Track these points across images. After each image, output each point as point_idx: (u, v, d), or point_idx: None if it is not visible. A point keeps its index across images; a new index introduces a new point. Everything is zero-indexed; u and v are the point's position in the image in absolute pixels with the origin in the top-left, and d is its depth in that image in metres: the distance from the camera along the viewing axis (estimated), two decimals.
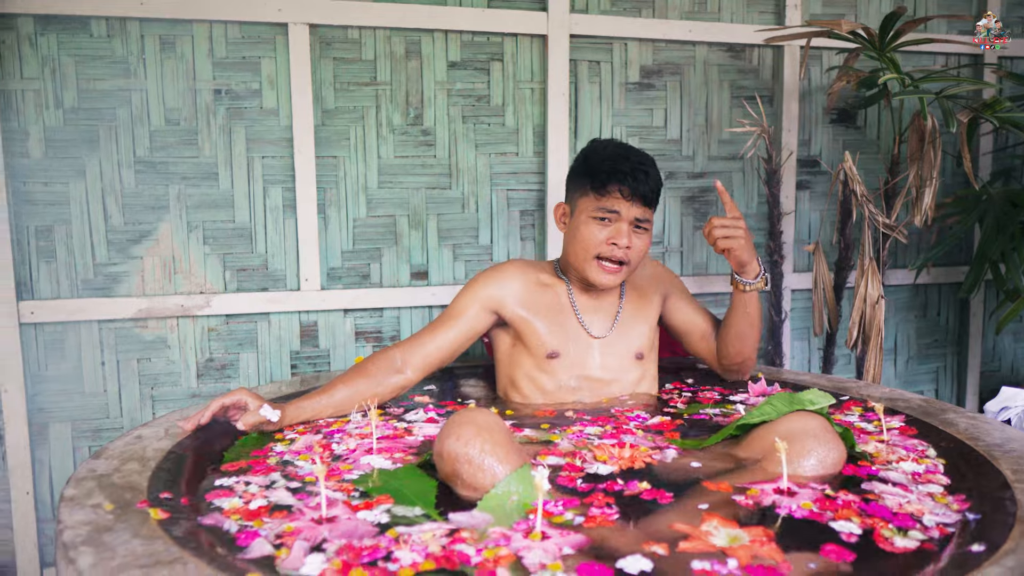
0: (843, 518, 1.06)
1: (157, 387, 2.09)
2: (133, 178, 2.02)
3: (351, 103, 2.15)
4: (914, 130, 2.15)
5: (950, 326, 2.75)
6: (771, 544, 0.97)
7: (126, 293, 2.04)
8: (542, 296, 1.66)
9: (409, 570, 0.91)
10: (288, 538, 1.00)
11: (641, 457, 1.30)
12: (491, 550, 0.96)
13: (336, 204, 2.16)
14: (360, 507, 1.09)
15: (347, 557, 0.94)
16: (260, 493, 1.16)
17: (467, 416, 1.16)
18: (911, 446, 1.38)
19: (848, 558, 0.95)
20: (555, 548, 0.97)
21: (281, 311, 2.14)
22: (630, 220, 1.57)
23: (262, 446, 1.39)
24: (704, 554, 0.95)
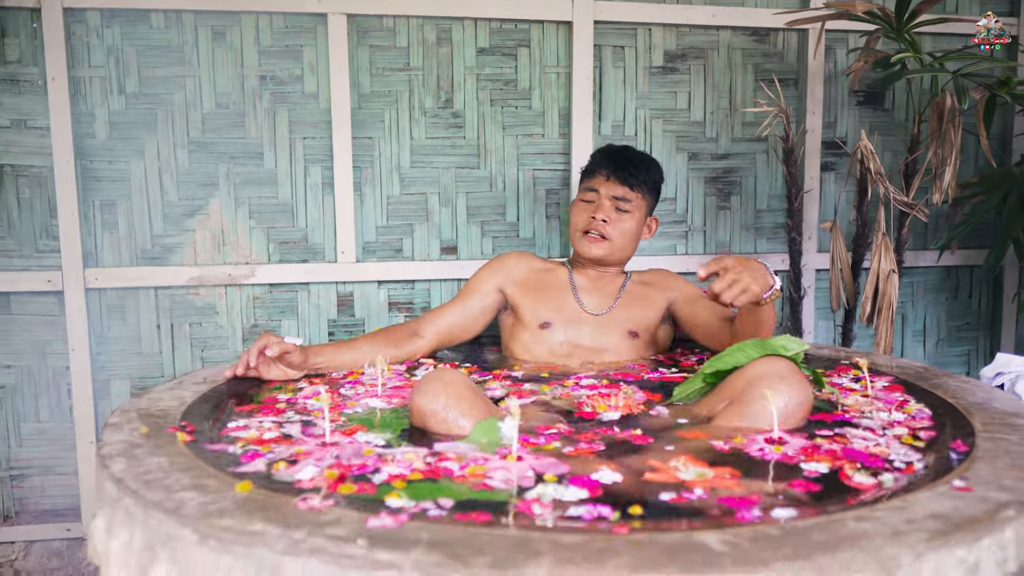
0: (814, 460, 1.11)
1: (207, 350, 2.27)
2: (187, 157, 2.21)
3: (386, 87, 2.29)
4: (933, 109, 2.18)
5: (982, 309, 2.74)
6: (734, 480, 1.05)
7: (179, 262, 2.23)
8: (541, 277, 1.89)
9: (400, 481, 1.03)
10: (298, 459, 1.14)
11: (636, 406, 1.39)
12: (472, 467, 1.08)
13: (371, 182, 2.31)
14: (354, 429, 1.23)
15: (338, 472, 1.07)
16: (273, 428, 1.29)
17: (434, 375, 1.29)
18: (892, 399, 1.44)
19: (813, 488, 1.02)
20: (527, 468, 1.08)
21: (319, 281, 2.30)
22: (608, 198, 1.82)
23: (281, 392, 1.54)
24: (668, 484, 1.04)
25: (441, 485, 1.03)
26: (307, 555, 0.83)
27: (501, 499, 0.99)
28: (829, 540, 0.84)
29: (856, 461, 1.11)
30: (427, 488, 1.01)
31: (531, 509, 0.94)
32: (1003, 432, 1.24)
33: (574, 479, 1.04)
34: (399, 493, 0.98)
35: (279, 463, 1.10)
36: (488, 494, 1.00)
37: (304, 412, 1.38)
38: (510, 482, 1.04)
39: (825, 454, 1.14)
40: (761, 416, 1.23)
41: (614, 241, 1.81)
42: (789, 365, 1.29)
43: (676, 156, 2.47)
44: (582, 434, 1.25)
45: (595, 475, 1.05)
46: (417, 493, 0.99)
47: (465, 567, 0.79)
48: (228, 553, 0.88)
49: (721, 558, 0.80)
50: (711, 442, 1.20)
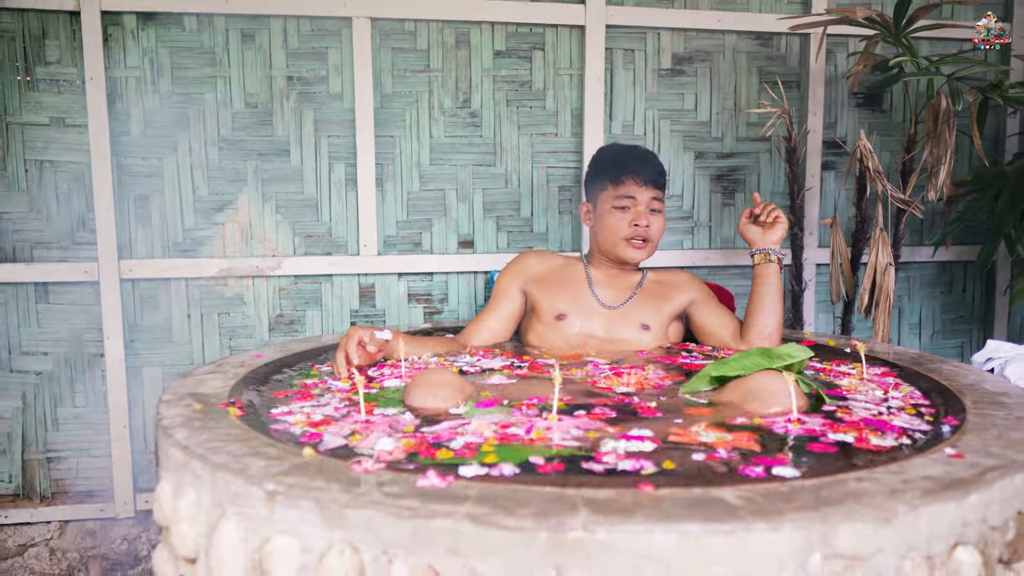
0: (840, 432, 1.19)
1: (235, 338, 2.37)
2: (217, 154, 2.31)
3: (407, 88, 2.40)
4: (929, 110, 2.29)
5: (975, 303, 2.85)
6: (751, 441, 1.16)
7: (209, 255, 2.33)
8: (558, 273, 1.96)
9: (487, 445, 1.12)
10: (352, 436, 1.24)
11: (648, 384, 1.50)
12: (537, 431, 1.18)
13: (392, 178, 2.42)
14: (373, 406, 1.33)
15: (413, 443, 1.14)
16: (312, 411, 1.38)
17: (424, 376, 1.39)
18: (886, 382, 1.54)
19: (830, 450, 1.12)
20: (571, 426, 1.21)
21: (342, 273, 2.40)
22: (646, 202, 1.87)
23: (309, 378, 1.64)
24: (691, 444, 1.14)
25: (515, 448, 1.12)
26: (369, 506, 0.94)
27: (578, 454, 1.10)
28: (834, 496, 0.95)
29: (876, 429, 1.21)
30: (509, 451, 1.11)
31: (602, 459, 1.06)
32: (991, 409, 1.35)
33: (625, 435, 1.15)
34: (491, 456, 1.07)
35: (356, 435, 1.19)
36: (560, 452, 1.11)
37: (341, 391, 1.48)
38: (567, 438, 1.15)
39: (849, 425, 1.23)
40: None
41: (653, 241, 1.91)
42: (785, 385, 1.31)
43: (683, 155, 2.58)
44: (597, 400, 1.36)
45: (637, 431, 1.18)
46: (503, 455, 1.08)
47: (511, 516, 0.90)
48: (294, 507, 0.98)
49: (738, 510, 0.91)
50: (729, 420, 1.29)
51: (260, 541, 1.00)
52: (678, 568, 0.87)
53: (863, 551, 0.90)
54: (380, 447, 1.13)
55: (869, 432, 1.20)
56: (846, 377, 1.59)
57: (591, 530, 0.88)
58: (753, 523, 0.88)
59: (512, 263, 2.00)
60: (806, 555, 0.88)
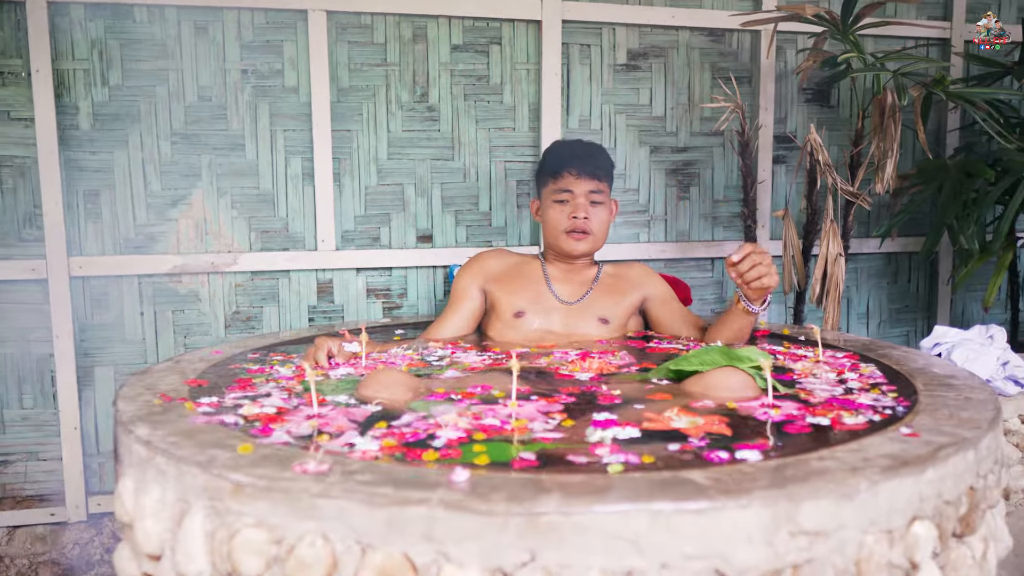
0: (818, 415, 1.22)
1: (190, 336, 2.33)
2: (170, 148, 2.27)
3: (364, 82, 2.38)
4: (875, 105, 2.36)
5: (920, 292, 2.94)
6: (723, 425, 1.18)
7: (163, 251, 2.29)
8: (516, 270, 1.97)
9: (478, 444, 1.11)
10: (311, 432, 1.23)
11: (608, 368, 1.52)
12: (518, 421, 1.19)
13: (350, 173, 2.40)
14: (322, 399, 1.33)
15: (391, 440, 1.12)
16: (259, 403, 1.36)
17: (374, 376, 1.39)
18: (841, 364, 1.59)
19: (802, 431, 1.15)
20: (534, 411, 1.23)
21: (300, 269, 2.38)
22: (584, 194, 1.88)
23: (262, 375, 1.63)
24: (666, 431, 1.16)
25: (503, 445, 1.10)
26: (342, 496, 0.93)
27: (570, 447, 1.09)
28: (798, 474, 0.97)
29: (851, 409, 1.25)
30: (498, 449, 1.08)
31: (593, 451, 1.07)
32: (941, 391, 1.40)
33: (599, 423, 1.17)
34: (483, 456, 1.05)
35: (324, 435, 1.17)
36: (552, 445, 1.10)
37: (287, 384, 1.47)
38: (549, 429, 1.16)
39: (824, 408, 1.26)
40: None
41: (595, 233, 1.91)
42: (745, 380, 1.35)
43: (639, 149, 2.61)
44: (557, 390, 1.38)
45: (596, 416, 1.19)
46: (494, 455, 1.06)
47: (485, 501, 0.90)
48: (263, 499, 0.97)
49: (707, 490, 0.93)
50: (701, 403, 1.31)
51: (228, 534, 0.99)
52: (650, 547, 0.88)
53: (827, 527, 0.93)
54: (360, 447, 1.11)
55: (842, 412, 1.23)
56: (801, 360, 1.63)
57: (565, 512, 0.89)
58: (722, 502, 0.90)
59: (470, 263, 2.00)
60: (773, 532, 0.91)
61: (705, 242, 2.68)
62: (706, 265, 2.70)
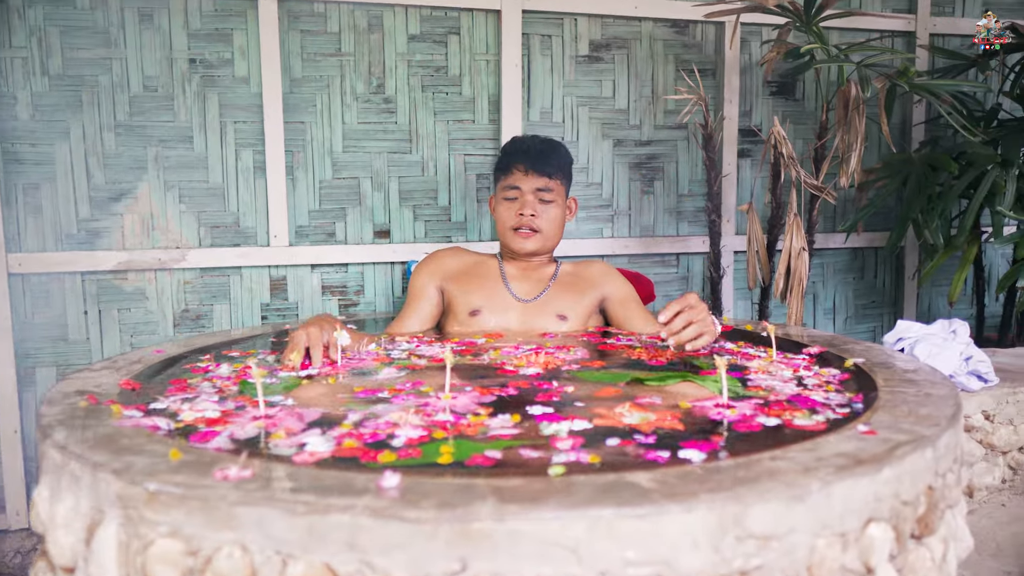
0: (773, 415, 1.17)
1: (136, 335, 2.25)
2: (114, 140, 2.18)
3: (317, 72, 2.31)
4: (839, 97, 2.32)
5: (886, 287, 2.92)
6: (675, 420, 1.13)
7: (107, 247, 2.20)
8: (473, 269, 1.91)
9: (445, 444, 1.04)
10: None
11: (555, 363, 1.47)
12: (474, 416, 1.13)
13: (303, 166, 2.32)
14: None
15: (352, 442, 1.05)
16: (195, 408, 1.29)
17: (302, 391, 1.33)
18: (796, 363, 1.54)
19: (754, 428, 1.10)
20: (468, 401, 1.18)
21: (252, 265, 2.30)
22: (532, 192, 1.83)
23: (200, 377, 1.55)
24: (617, 429, 1.11)
25: (467, 443, 1.05)
26: (261, 503, 0.87)
27: (524, 443, 1.04)
28: (748, 476, 0.92)
29: (803, 408, 1.20)
30: (463, 447, 1.03)
31: (555, 444, 1.02)
32: (902, 387, 1.36)
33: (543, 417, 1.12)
34: (446, 456, 1.00)
35: (278, 434, 1.10)
36: (508, 442, 1.05)
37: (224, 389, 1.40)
38: (507, 425, 1.10)
39: (777, 407, 1.21)
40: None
41: (544, 232, 1.86)
42: (705, 393, 1.30)
43: (602, 142, 2.56)
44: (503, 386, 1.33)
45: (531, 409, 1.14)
46: (459, 452, 1.01)
47: (413, 508, 0.84)
48: (178, 507, 0.91)
49: (651, 493, 0.87)
50: (643, 400, 1.27)
51: (142, 545, 0.92)
52: (589, 554, 0.83)
53: (776, 530, 0.88)
54: (312, 447, 1.05)
55: (797, 412, 1.18)
56: (755, 359, 1.58)
57: (499, 519, 0.83)
58: (666, 505, 0.85)
59: (426, 261, 1.95)
60: (720, 536, 0.86)
61: (670, 237, 2.63)
62: (671, 261, 2.66)
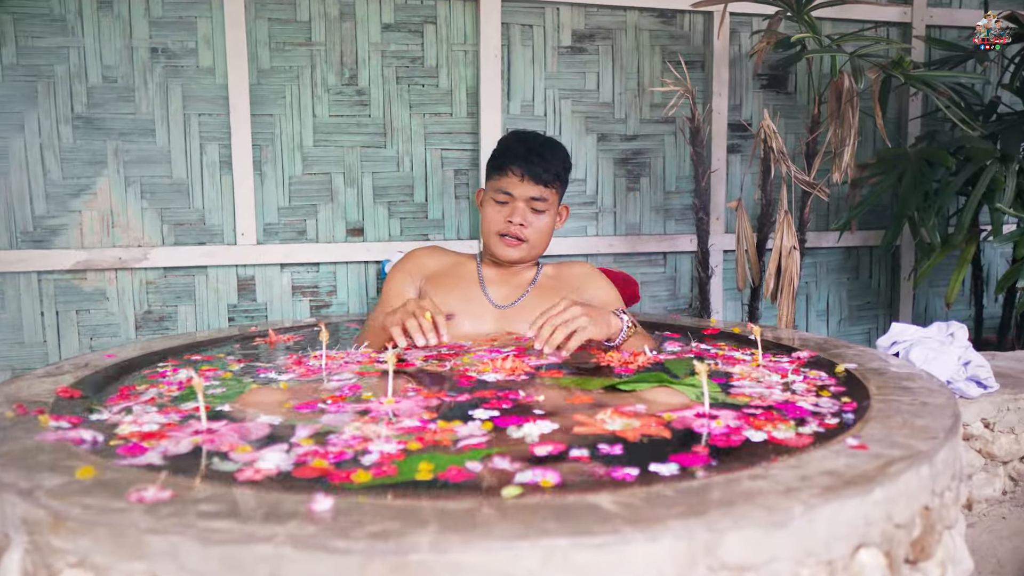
0: (758, 426, 1.07)
1: (96, 338, 2.15)
2: (71, 133, 2.08)
3: (286, 63, 2.21)
4: (832, 90, 2.23)
5: (881, 288, 2.83)
6: (663, 428, 1.03)
7: (64, 245, 2.10)
8: (450, 270, 1.80)
9: (423, 456, 0.95)
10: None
11: (521, 369, 1.37)
12: (445, 423, 1.05)
13: (272, 161, 2.22)
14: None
15: (322, 462, 0.94)
16: (137, 420, 1.19)
17: (249, 395, 1.23)
18: (783, 368, 1.44)
19: (734, 444, 1.00)
20: (412, 405, 1.11)
21: (218, 265, 2.20)
22: (524, 200, 1.70)
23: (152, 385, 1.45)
24: (601, 436, 1.01)
25: (445, 456, 0.95)
26: (175, 531, 0.77)
27: (508, 449, 0.96)
28: (724, 497, 0.83)
29: (790, 417, 1.10)
30: (442, 460, 0.94)
31: (533, 451, 0.95)
32: (896, 394, 1.26)
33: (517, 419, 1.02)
34: (425, 472, 0.90)
35: (244, 447, 1.00)
36: (490, 451, 0.96)
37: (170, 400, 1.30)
38: (474, 434, 1.01)
39: (763, 418, 1.11)
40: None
41: (531, 242, 1.73)
42: (683, 400, 1.21)
43: (586, 137, 2.46)
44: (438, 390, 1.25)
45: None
46: (439, 465, 0.92)
47: (343, 537, 0.75)
48: (86, 534, 0.81)
49: (613, 519, 0.78)
50: (632, 406, 1.17)
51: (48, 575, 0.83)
52: None
53: (754, 560, 0.78)
54: (266, 463, 0.94)
55: (782, 422, 1.08)
56: (739, 364, 1.48)
57: (440, 549, 0.73)
58: (629, 534, 0.75)
59: (403, 261, 1.83)
60: (689, 568, 0.76)
61: (656, 236, 2.54)
62: (657, 260, 2.56)
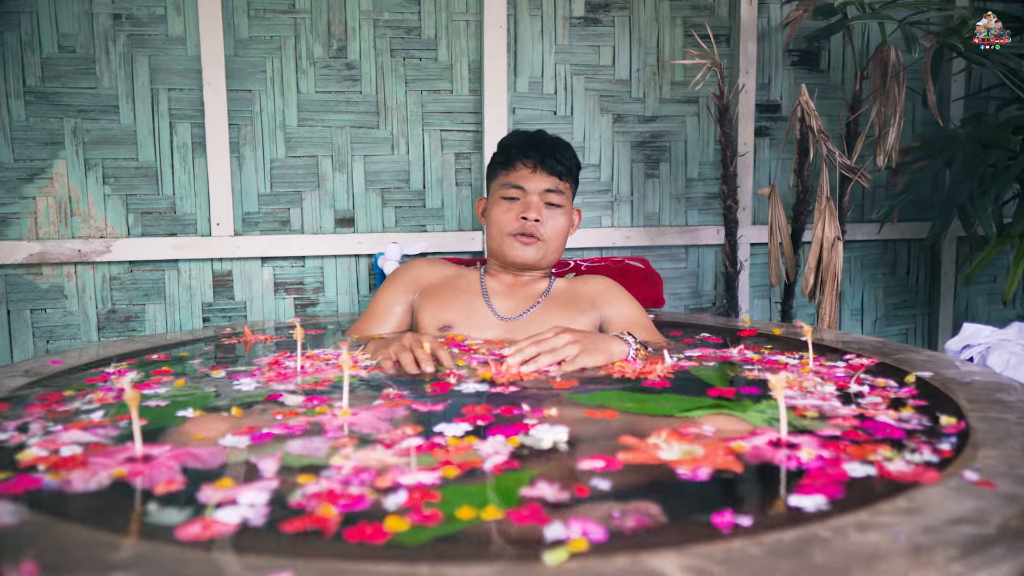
0: (856, 458, 0.84)
1: (53, 340, 1.91)
2: (23, 110, 1.85)
3: (267, 32, 1.98)
4: (876, 63, 2.00)
5: (920, 285, 2.60)
6: (732, 460, 0.80)
7: (17, 236, 1.87)
8: (450, 282, 1.61)
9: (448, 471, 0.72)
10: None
11: (535, 375, 1.15)
12: (454, 440, 0.83)
13: (251, 143, 1.99)
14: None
15: (330, 509, 0.68)
16: (56, 438, 0.95)
17: (190, 425, 1.01)
18: (837, 375, 1.21)
19: (837, 478, 0.76)
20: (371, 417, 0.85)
21: (191, 259, 1.97)
22: (539, 193, 1.53)
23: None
24: (650, 466, 0.78)
25: (481, 490, 0.72)
26: None
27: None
28: (832, 562, 0.59)
29: (884, 440, 0.86)
30: (483, 497, 0.70)
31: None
32: (995, 411, 1.03)
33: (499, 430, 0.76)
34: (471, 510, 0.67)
35: (223, 481, 0.75)
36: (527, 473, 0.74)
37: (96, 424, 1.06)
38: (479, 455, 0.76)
39: (850, 443, 0.87)
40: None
41: (549, 242, 1.54)
42: (745, 426, 0.99)
43: (600, 118, 2.23)
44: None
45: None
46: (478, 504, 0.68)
47: None
48: None
49: None
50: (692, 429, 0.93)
51: None
52: None
53: None
54: (242, 513, 0.69)
55: (881, 449, 0.84)
56: (783, 370, 1.25)
57: None
58: None
59: (398, 272, 1.63)
60: None
61: (677, 227, 2.31)
62: (679, 254, 2.33)
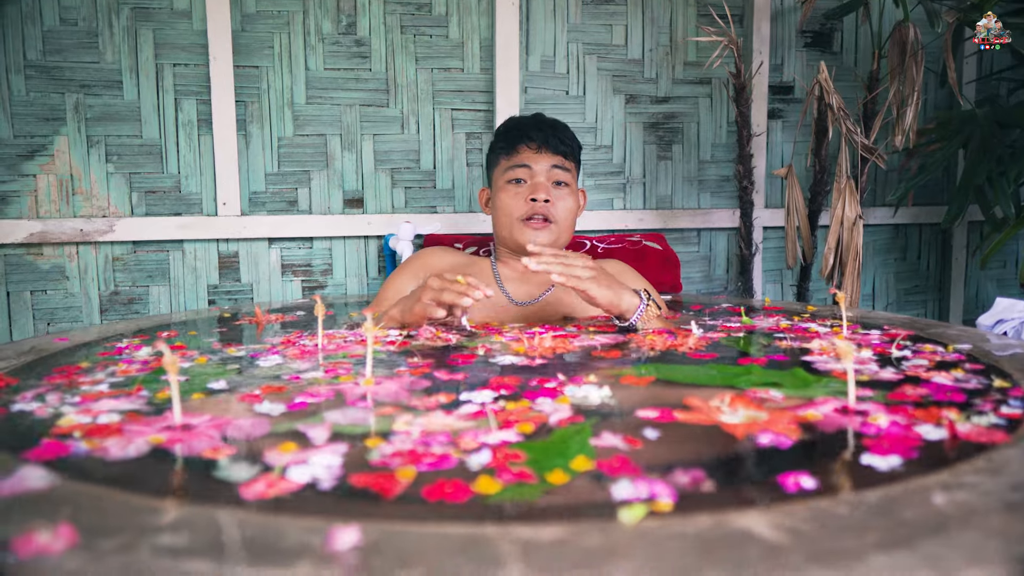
0: (927, 421, 0.81)
1: (54, 322, 1.86)
2: (23, 84, 1.80)
3: (275, 7, 1.93)
4: (895, 41, 1.98)
5: (931, 271, 2.58)
6: (794, 426, 0.76)
7: (16, 215, 1.82)
8: (463, 269, 1.57)
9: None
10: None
11: (548, 351, 1.11)
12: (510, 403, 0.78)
13: (258, 120, 1.95)
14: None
15: (409, 470, 0.66)
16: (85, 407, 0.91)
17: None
18: (877, 341, 1.18)
19: (913, 442, 0.72)
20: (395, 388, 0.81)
21: (196, 239, 1.92)
22: (545, 172, 1.50)
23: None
24: (710, 428, 0.73)
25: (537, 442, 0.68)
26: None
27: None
28: (924, 518, 0.56)
29: (953, 403, 0.83)
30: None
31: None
32: None
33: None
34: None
35: (289, 444, 0.71)
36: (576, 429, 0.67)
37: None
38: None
39: (925, 412, 0.83)
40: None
41: (560, 223, 1.49)
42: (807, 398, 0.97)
43: (612, 98, 2.20)
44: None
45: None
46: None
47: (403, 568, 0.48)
48: None
49: (782, 554, 0.51)
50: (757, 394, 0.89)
51: None
52: None
53: None
54: (313, 472, 0.64)
55: (945, 411, 0.81)
56: (816, 338, 1.21)
57: None
58: (813, 572, 0.49)
59: (409, 261, 1.60)
60: None
61: (690, 210, 2.27)
62: (691, 238, 2.30)
